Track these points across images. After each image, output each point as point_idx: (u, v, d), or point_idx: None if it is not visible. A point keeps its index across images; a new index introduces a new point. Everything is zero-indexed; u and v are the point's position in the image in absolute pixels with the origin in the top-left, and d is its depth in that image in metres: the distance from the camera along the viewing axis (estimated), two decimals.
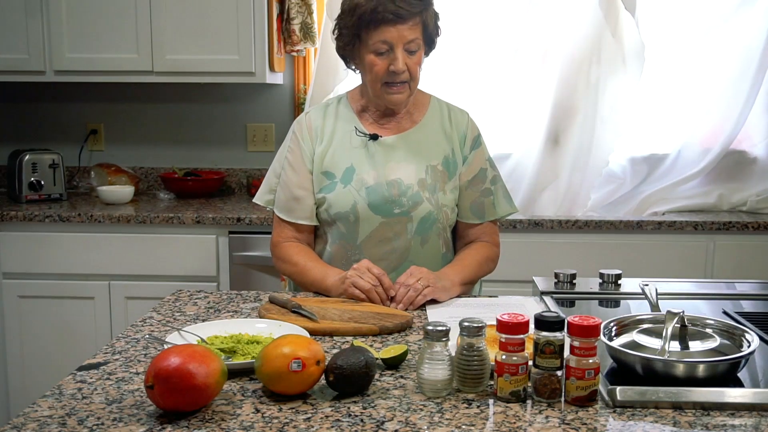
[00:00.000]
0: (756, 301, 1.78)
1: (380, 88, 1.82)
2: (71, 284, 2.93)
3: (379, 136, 1.88)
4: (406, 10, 1.74)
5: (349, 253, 1.87)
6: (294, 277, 1.89)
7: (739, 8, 3.12)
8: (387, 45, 1.76)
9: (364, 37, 1.77)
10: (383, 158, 1.87)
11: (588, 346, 1.13)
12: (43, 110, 3.57)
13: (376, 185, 1.84)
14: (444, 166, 1.90)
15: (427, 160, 1.89)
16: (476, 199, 1.93)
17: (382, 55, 1.77)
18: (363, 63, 1.81)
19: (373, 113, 1.92)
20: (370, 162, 1.86)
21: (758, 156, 3.28)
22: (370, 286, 1.67)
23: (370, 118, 1.92)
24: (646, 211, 3.11)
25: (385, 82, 1.80)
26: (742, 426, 1.08)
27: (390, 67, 1.77)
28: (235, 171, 3.55)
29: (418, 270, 1.71)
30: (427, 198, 1.86)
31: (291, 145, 1.92)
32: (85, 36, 3.12)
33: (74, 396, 1.17)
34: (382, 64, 1.78)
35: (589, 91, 3.09)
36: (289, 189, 1.90)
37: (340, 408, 1.13)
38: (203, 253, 2.91)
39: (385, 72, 1.78)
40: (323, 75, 3.19)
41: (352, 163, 1.86)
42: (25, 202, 3.13)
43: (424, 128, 1.92)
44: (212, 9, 3.08)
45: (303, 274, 1.84)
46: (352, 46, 1.82)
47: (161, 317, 1.58)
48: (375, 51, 1.77)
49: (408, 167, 1.87)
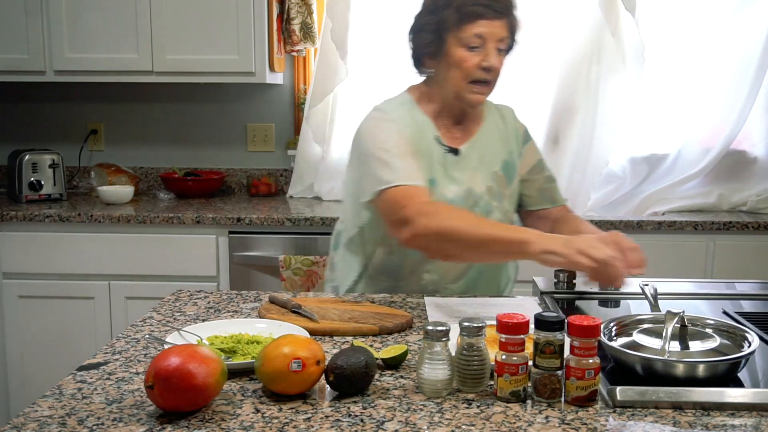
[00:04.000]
0: (756, 301, 1.78)
1: (465, 86, 1.73)
2: (71, 284, 2.93)
3: (459, 150, 1.80)
4: (502, 5, 1.71)
5: (425, 268, 1.80)
6: (460, 226, 1.56)
7: (739, 8, 3.12)
8: (480, 39, 1.69)
9: (454, 31, 1.69)
10: (458, 169, 1.80)
11: (588, 346, 1.13)
12: (43, 110, 3.57)
13: (455, 198, 1.77)
14: (503, 170, 1.86)
15: (491, 166, 1.84)
16: (542, 185, 1.94)
17: (474, 50, 1.70)
18: (449, 59, 1.72)
19: (446, 120, 1.82)
20: (449, 175, 1.78)
21: (758, 156, 3.28)
22: (607, 257, 1.44)
23: (442, 126, 1.82)
24: (646, 211, 3.11)
25: (472, 80, 1.72)
26: (742, 426, 1.08)
27: (482, 62, 1.70)
28: (235, 171, 3.55)
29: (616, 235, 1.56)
30: (496, 206, 1.82)
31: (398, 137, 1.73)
32: (85, 36, 3.12)
33: (74, 396, 1.17)
34: (473, 59, 1.70)
35: (589, 91, 3.09)
36: (418, 167, 1.71)
37: (340, 408, 1.13)
38: (203, 253, 2.92)
39: (475, 68, 1.70)
40: (323, 75, 3.19)
41: (434, 176, 1.76)
42: (25, 202, 3.13)
43: (485, 133, 1.86)
44: (212, 9, 3.08)
45: (481, 222, 1.61)
46: (438, 43, 1.72)
47: (161, 317, 1.58)
48: (467, 45, 1.69)
49: (477, 176, 1.81)
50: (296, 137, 3.44)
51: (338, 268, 1.92)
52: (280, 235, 2.91)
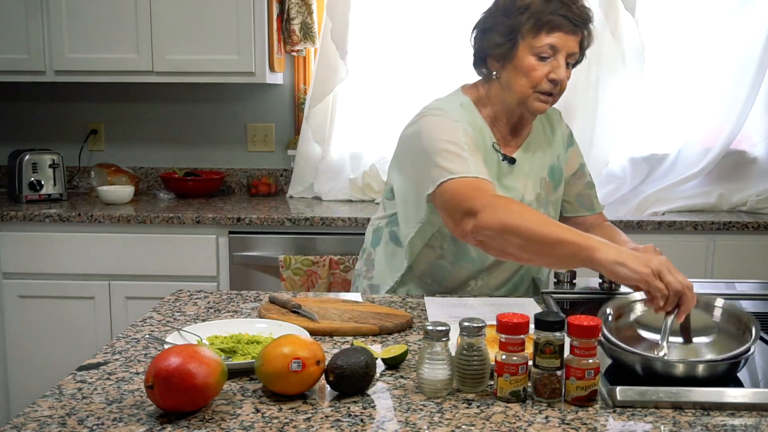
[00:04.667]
0: (756, 301, 1.78)
1: (531, 94, 1.68)
2: (71, 284, 2.93)
3: (515, 159, 1.77)
4: (581, 19, 1.66)
5: (473, 276, 1.78)
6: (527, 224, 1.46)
7: (738, 8, 3.13)
8: (553, 51, 1.65)
9: (528, 38, 1.64)
10: (511, 178, 1.77)
11: (588, 346, 1.13)
12: (43, 110, 3.57)
13: None
14: (550, 176, 1.84)
15: (539, 172, 1.81)
16: (581, 191, 1.92)
17: (544, 61, 1.65)
18: (518, 65, 1.67)
19: (503, 126, 1.78)
20: (503, 183, 1.75)
21: (758, 156, 3.28)
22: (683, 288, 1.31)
23: (498, 132, 1.78)
24: (646, 211, 3.11)
25: (538, 90, 1.68)
26: (742, 426, 1.08)
27: (550, 74, 1.65)
28: (235, 171, 3.55)
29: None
30: (543, 213, 1.78)
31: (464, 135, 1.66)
32: (85, 36, 3.12)
33: (74, 396, 1.17)
34: (542, 69, 1.65)
35: (589, 91, 3.09)
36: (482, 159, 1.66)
37: (340, 408, 1.13)
38: (203, 253, 2.92)
39: (542, 78, 1.66)
40: (323, 75, 3.19)
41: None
42: (25, 202, 3.13)
43: (534, 139, 1.83)
44: (212, 9, 3.08)
45: (549, 222, 1.49)
46: (509, 47, 1.66)
47: (161, 317, 1.58)
48: (538, 54, 1.64)
49: (527, 183, 1.78)
50: (296, 137, 3.44)
51: (379, 267, 1.87)
52: (280, 235, 2.91)
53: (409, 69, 3.21)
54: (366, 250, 1.93)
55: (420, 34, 3.19)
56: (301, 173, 3.36)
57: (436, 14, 3.21)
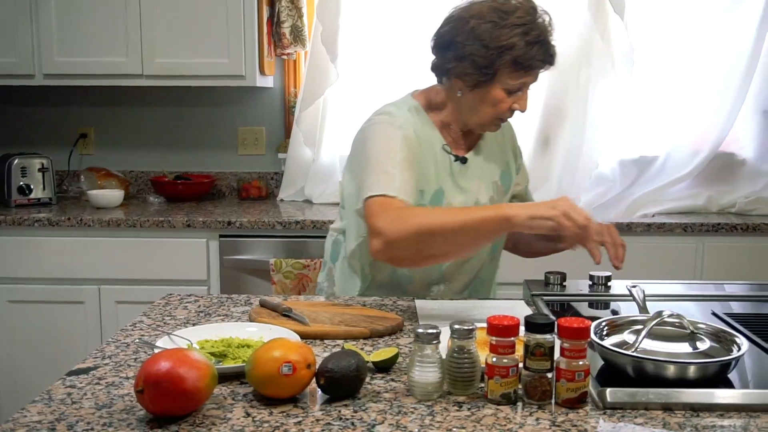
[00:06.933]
0: (745, 302, 1.78)
1: (491, 121, 1.74)
2: (61, 288, 2.92)
3: (466, 159, 1.80)
4: (554, 57, 1.70)
5: (431, 278, 1.80)
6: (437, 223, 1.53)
7: (727, 11, 3.14)
8: (522, 86, 1.70)
9: (503, 77, 1.67)
10: (464, 179, 1.79)
11: (578, 348, 1.13)
12: (32, 114, 3.56)
13: None
14: (501, 180, 1.87)
15: (491, 176, 1.84)
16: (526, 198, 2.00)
17: (511, 94, 1.70)
18: (485, 96, 1.69)
19: (455, 131, 1.81)
20: (455, 185, 1.78)
21: (747, 158, 3.30)
22: (586, 221, 1.48)
23: (449, 135, 1.80)
24: (635, 213, 3.12)
25: (499, 117, 1.73)
26: (732, 427, 1.09)
27: (514, 105, 1.71)
28: (226, 174, 3.55)
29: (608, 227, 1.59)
30: None
31: (402, 146, 1.68)
32: (74, 39, 3.11)
33: (64, 401, 1.16)
34: (508, 101, 1.70)
35: (578, 94, 3.11)
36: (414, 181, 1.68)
37: (330, 411, 1.13)
38: (194, 256, 2.91)
39: (507, 109, 1.71)
40: (313, 78, 3.19)
41: (441, 185, 1.76)
42: (14, 206, 3.12)
43: (486, 143, 1.86)
44: (202, 12, 3.08)
45: (456, 214, 1.56)
46: (482, 78, 1.67)
47: (151, 321, 1.58)
48: (508, 89, 1.68)
49: (481, 185, 1.81)
50: (287, 140, 3.44)
51: (340, 281, 1.87)
52: (271, 238, 2.91)
53: (400, 72, 3.22)
54: (327, 264, 1.94)
55: (410, 38, 3.20)
56: (291, 177, 3.35)
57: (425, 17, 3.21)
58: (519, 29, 1.63)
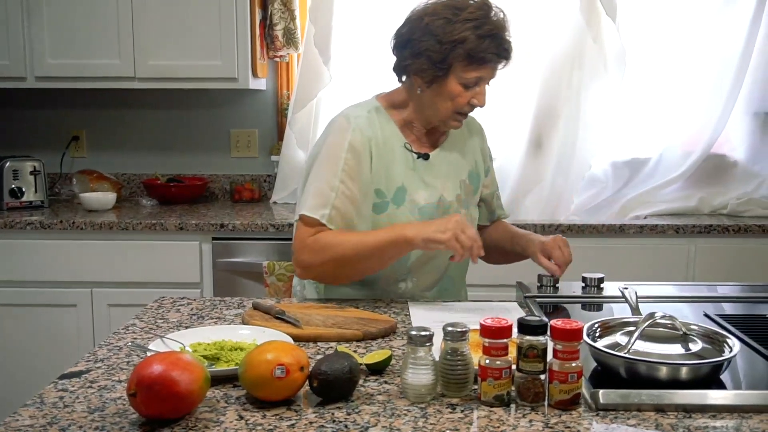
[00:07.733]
0: (736, 304, 1.79)
1: (450, 115, 1.77)
2: (53, 292, 2.91)
3: (429, 156, 1.82)
4: (507, 51, 1.73)
5: (398, 275, 1.82)
6: (348, 251, 1.68)
7: (718, 13, 3.16)
8: (478, 81, 1.73)
9: (457, 70, 1.70)
10: (428, 176, 1.82)
11: (571, 349, 1.14)
12: (24, 117, 3.54)
13: (426, 206, 1.80)
14: (470, 180, 1.90)
15: (459, 174, 1.87)
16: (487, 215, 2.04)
17: (468, 88, 1.73)
18: (443, 91, 1.73)
19: (417, 129, 1.83)
20: (418, 181, 1.80)
21: (738, 160, 3.31)
22: (471, 242, 1.64)
23: (412, 134, 1.83)
24: (628, 215, 3.13)
25: (458, 111, 1.76)
26: (724, 428, 1.09)
27: (472, 100, 1.74)
28: (219, 177, 3.54)
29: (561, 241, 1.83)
30: (464, 214, 1.85)
31: (347, 156, 1.73)
32: (66, 42, 3.10)
33: (56, 405, 1.16)
34: (466, 96, 1.73)
35: (571, 96, 3.11)
36: (354, 205, 1.74)
37: (324, 414, 1.13)
38: (186, 259, 2.90)
39: (465, 103, 1.74)
40: (306, 80, 3.19)
41: (403, 182, 1.78)
42: (5, 209, 3.11)
43: (452, 142, 1.88)
44: (195, 14, 3.08)
45: (363, 240, 1.69)
46: (438, 72, 1.71)
47: (144, 324, 1.58)
48: (464, 83, 1.72)
49: (447, 183, 1.84)
50: (279, 143, 3.44)
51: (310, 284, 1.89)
52: (264, 241, 2.90)
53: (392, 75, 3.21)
54: None
55: None
56: (284, 179, 3.35)
57: None
58: (471, 23, 1.68)
